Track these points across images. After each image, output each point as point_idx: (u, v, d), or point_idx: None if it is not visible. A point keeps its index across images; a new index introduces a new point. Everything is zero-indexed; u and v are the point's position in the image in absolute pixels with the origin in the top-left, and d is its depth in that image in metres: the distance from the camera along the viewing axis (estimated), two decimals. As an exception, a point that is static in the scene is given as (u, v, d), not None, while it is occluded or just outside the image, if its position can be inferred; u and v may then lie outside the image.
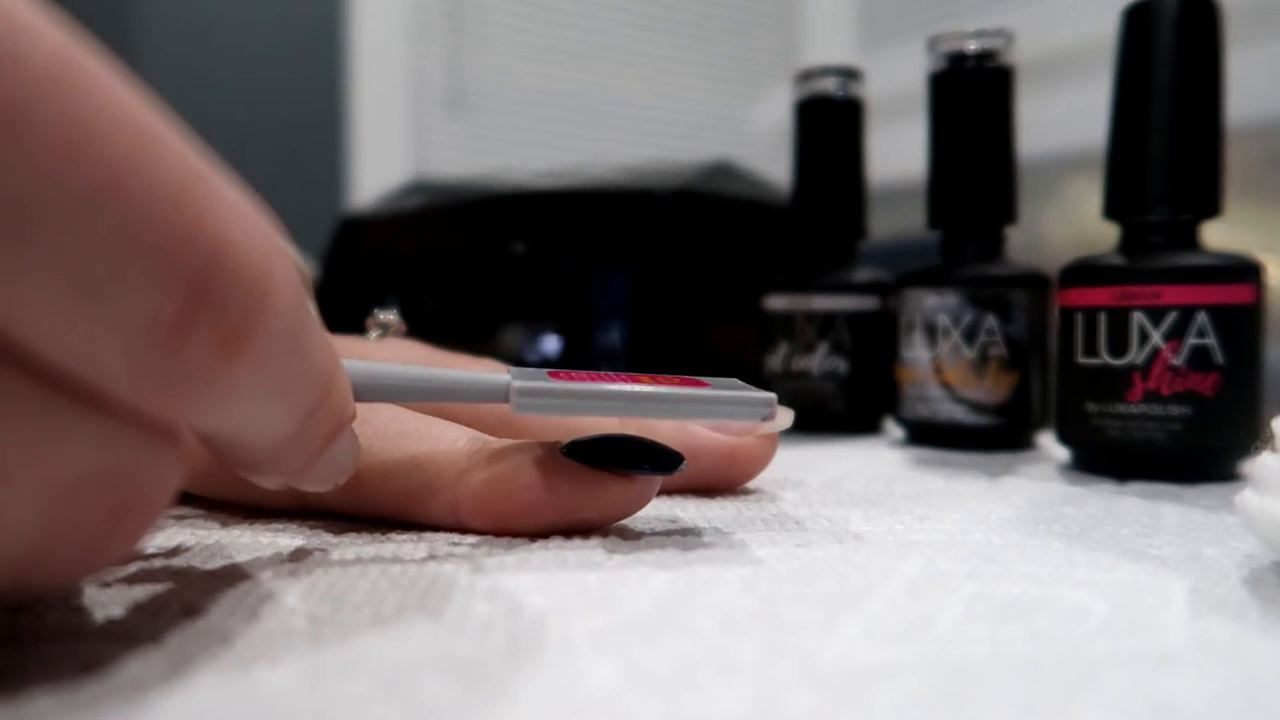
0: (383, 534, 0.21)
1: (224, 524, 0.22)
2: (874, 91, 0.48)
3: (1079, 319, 0.32)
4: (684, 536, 0.21)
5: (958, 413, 0.38)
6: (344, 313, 0.33)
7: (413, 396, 0.20)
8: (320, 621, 0.15)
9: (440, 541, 0.20)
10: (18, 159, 0.10)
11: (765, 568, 0.18)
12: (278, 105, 1.51)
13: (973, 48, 0.39)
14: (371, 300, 0.45)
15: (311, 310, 0.14)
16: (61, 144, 0.10)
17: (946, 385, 0.38)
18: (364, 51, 1.59)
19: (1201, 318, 0.30)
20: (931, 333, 0.38)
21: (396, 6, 1.61)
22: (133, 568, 0.18)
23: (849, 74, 0.45)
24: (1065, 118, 0.92)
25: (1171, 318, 0.30)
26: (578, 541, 0.20)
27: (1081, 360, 0.32)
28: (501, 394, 0.19)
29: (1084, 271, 0.32)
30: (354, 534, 0.21)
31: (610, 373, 0.21)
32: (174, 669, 0.12)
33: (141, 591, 0.16)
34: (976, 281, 0.38)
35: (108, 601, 0.15)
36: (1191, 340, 0.30)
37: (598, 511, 0.21)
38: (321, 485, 0.17)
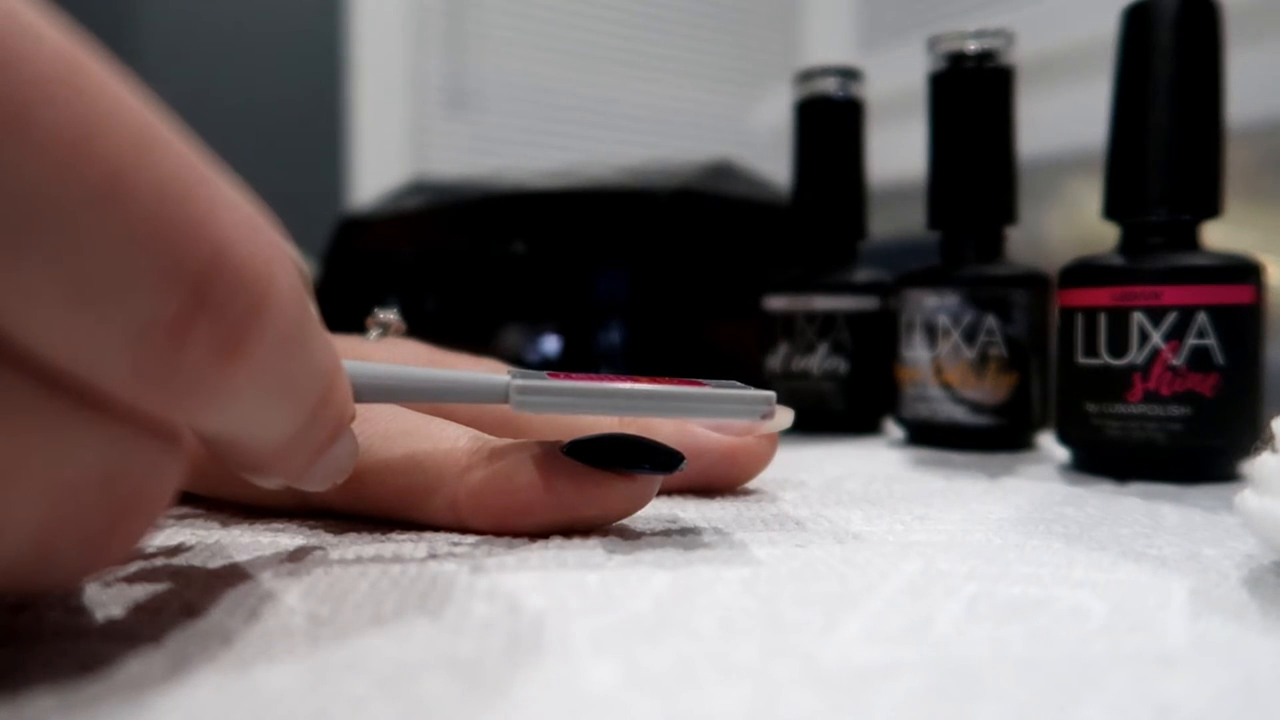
0: (383, 534, 0.21)
1: (224, 524, 0.22)
2: (874, 91, 0.48)
3: (1079, 319, 0.32)
4: (684, 536, 0.21)
5: (958, 413, 0.38)
6: (344, 313, 0.33)
7: (413, 397, 0.20)
8: (320, 621, 0.15)
9: (440, 541, 0.20)
10: (19, 160, 0.10)
11: (765, 568, 0.18)
12: (278, 105, 1.51)
13: (973, 48, 0.39)
14: (371, 300, 0.45)
15: (313, 312, 0.14)
16: (64, 145, 0.10)
17: (946, 385, 0.38)
18: (364, 51, 1.59)
19: (1201, 318, 0.30)
20: (931, 333, 0.38)
21: (396, 6, 1.61)
22: (133, 567, 0.18)
23: (849, 74, 0.45)
24: (1065, 118, 0.92)
25: (1171, 318, 0.30)
26: (578, 541, 0.20)
27: (1081, 360, 0.32)
28: (501, 394, 0.19)
29: (1084, 272, 0.32)
30: (354, 534, 0.21)
31: (609, 374, 0.21)
32: (174, 669, 0.12)
33: (141, 591, 0.16)
34: (976, 282, 0.38)
35: (108, 601, 0.15)
36: (1191, 340, 0.30)
37: (598, 511, 0.21)
38: (320, 485, 0.17)
